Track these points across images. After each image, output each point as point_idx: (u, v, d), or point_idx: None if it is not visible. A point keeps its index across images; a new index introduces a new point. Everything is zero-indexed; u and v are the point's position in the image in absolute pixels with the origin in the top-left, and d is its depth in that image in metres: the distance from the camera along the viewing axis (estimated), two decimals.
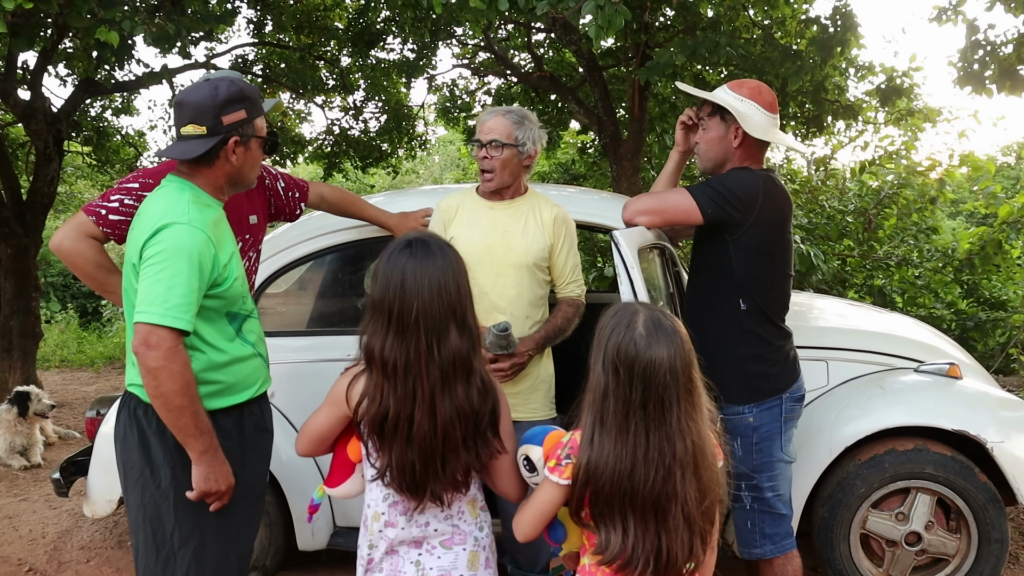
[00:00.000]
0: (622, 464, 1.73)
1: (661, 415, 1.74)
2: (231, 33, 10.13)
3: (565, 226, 2.97)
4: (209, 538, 2.24)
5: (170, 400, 2.06)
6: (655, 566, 1.73)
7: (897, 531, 3.18)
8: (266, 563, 3.60)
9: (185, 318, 2.06)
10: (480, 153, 2.92)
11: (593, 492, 1.76)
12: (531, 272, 2.91)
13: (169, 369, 2.04)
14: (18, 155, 9.74)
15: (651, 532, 1.73)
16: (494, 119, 2.91)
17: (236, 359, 2.29)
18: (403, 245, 1.94)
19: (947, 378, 3.35)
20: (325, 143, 10.75)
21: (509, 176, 2.93)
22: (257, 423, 2.39)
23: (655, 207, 2.71)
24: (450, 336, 1.88)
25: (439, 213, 3.07)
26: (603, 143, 7.40)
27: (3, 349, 6.95)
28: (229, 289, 2.22)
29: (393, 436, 1.88)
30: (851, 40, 5.82)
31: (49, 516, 4.60)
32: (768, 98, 2.68)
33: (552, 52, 9.54)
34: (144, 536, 2.24)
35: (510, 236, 2.92)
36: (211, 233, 2.16)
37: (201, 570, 2.23)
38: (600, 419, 1.77)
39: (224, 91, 2.19)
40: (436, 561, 2.00)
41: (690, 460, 1.75)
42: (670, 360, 1.74)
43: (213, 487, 2.16)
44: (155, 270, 2.07)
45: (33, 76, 6.93)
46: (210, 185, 2.27)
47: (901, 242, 8.78)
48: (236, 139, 2.22)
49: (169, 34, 4.37)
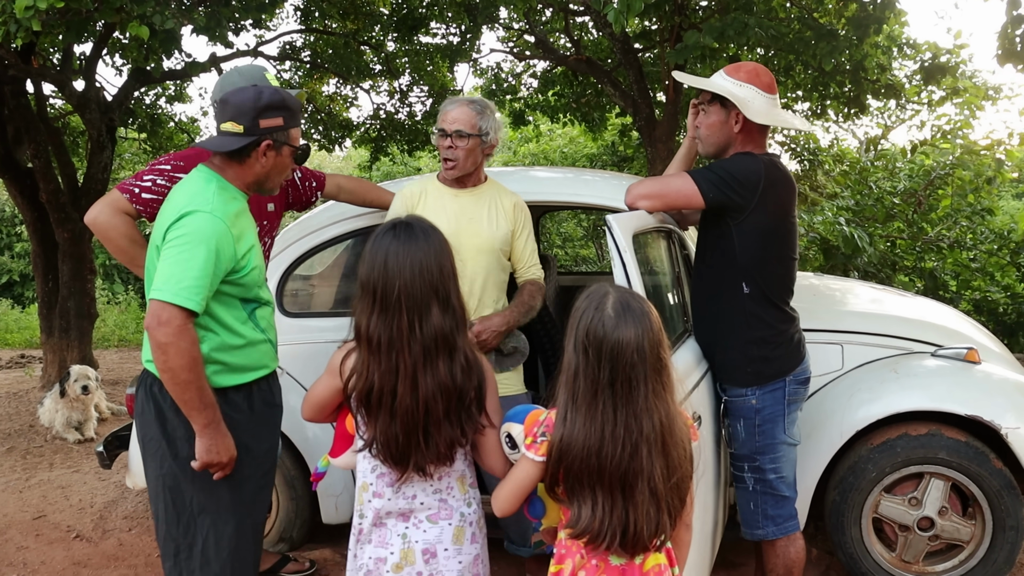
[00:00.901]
0: (590, 441, 1.79)
1: (628, 393, 1.79)
2: (279, 20, 10.32)
3: (524, 212, 3.13)
4: (225, 505, 2.38)
5: (177, 375, 2.19)
6: (622, 539, 1.79)
7: (910, 516, 3.17)
8: (292, 535, 3.75)
9: (196, 299, 2.18)
10: (444, 143, 3.00)
11: (565, 468, 1.82)
12: (496, 257, 3.04)
13: (177, 346, 2.16)
14: (79, 143, 10.12)
15: (618, 507, 1.79)
16: (458, 109, 2.99)
17: (248, 343, 2.41)
18: (388, 228, 2.04)
19: (964, 363, 3.30)
20: (372, 127, 10.90)
21: (471, 164, 3.04)
22: (266, 398, 2.52)
23: (656, 191, 2.72)
24: (432, 315, 1.97)
25: (402, 199, 3.14)
26: (638, 125, 7.37)
27: (61, 329, 7.27)
28: (245, 278, 2.34)
29: (378, 409, 1.97)
30: (890, 18, 5.68)
31: (97, 487, 4.84)
32: (766, 80, 2.68)
33: (592, 35, 9.51)
34: (164, 504, 2.39)
35: (476, 223, 3.03)
36: (231, 224, 2.28)
37: (219, 535, 2.37)
38: (572, 398, 1.83)
39: (267, 97, 2.32)
40: (422, 535, 2.07)
41: (657, 437, 1.79)
42: (637, 340, 1.78)
43: (215, 458, 2.29)
44: (174, 252, 2.21)
45: (87, 66, 7.19)
46: (238, 180, 2.40)
47: (954, 223, 8.55)
48: (269, 143, 2.34)
49: (205, 25, 4.50)
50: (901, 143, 10.28)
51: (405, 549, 2.07)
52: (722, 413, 2.83)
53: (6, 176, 7.25)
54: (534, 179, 3.95)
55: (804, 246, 8.12)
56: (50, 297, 7.44)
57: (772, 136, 11.09)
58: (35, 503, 4.60)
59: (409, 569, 2.06)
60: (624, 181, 3.88)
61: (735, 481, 2.82)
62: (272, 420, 2.58)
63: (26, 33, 3.63)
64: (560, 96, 10.17)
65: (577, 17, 8.73)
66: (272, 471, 2.59)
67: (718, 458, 2.88)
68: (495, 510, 2.00)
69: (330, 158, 22.43)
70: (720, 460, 2.90)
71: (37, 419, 6.30)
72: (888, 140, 12.04)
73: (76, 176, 7.50)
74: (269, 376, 2.56)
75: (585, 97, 9.27)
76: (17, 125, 7.03)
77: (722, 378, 2.80)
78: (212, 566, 2.38)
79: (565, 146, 16.17)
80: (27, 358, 10.14)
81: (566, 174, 4.41)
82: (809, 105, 8.20)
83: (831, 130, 12.69)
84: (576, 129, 12.86)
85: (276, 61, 10.14)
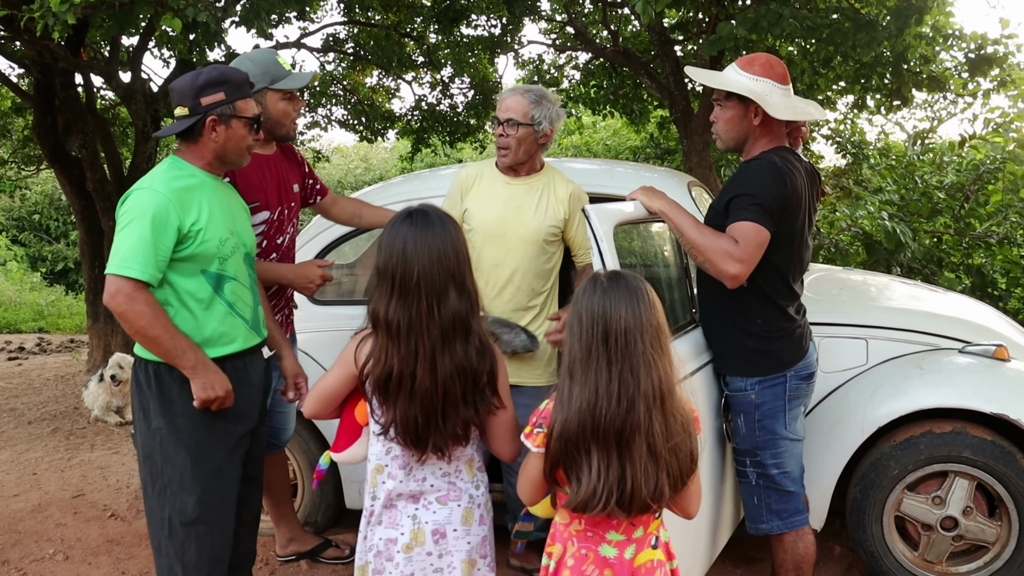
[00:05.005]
0: (585, 401, 1.78)
1: (625, 347, 1.78)
2: (323, 13, 10.43)
3: (580, 200, 3.10)
4: (187, 477, 2.46)
5: (146, 333, 2.32)
6: (619, 496, 1.77)
7: (933, 515, 3.11)
8: (317, 519, 3.82)
9: (137, 268, 2.29)
10: (497, 130, 3.03)
11: (564, 442, 1.81)
12: (539, 247, 3.05)
13: (133, 310, 2.29)
14: (127, 134, 10.36)
15: (615, 465, 1.77)
16: (512, 98, 3.01)
17: (211, 315, 2.49)
18: (404, 216, 2.08)
19: (992, 360, 3.23)
20: (414, 119, 10.97)
21: (524, 154, 3.05)
22: (241, 377, 2.57)
23: (744, 256, 2.49)
24: (449, 298, 2.01)
25: (459, 181, 3.18)
26: (674, 117, 7.31)
27: (106, 315, 7.46)
28: (197, 248, 2.42)
29: (397, 393, 2.01)
30: (933, 8, 5.53)
31: (134, 468, 4.97)
32: (780, 71, 2.63)
33: (634, 27, 9.44)
34: (145, 473, 2.52)
35: (523, 212, 3.05)
36: (175, 197, 2.38)
37: (183, 505, 2.46)
38: (569, 373, 1.83)
39: (204, 76, 2.44)
40: (432, 516, 2.12)
41: (656, 394, 1.78)
42: (629, 304, 1.80)
43: (212, 394, 2.41)
44: (118, 229, 2.35)
45: (133, 58, 7.36)
46: (198, 159, 2.52)
47: (1004, 219, 8.31)
48: (214, 118, 2.45)
49: (244, 17, 4.58)
50: (952, 137, 10.01)
51: (415, 530, 2.11)
52: (723, 407, 2.81)
53: (56, 166, 7.46)
54: (567, 170, 3.95)
55: (847, 241, 7.98)
56: (96, 284, 7.64)
57: (818, 129, 10.90)
58: (75, 482, 4.75)
59: (419, 549, 2.10)
60: (657, 174, 3.87)
61: (738, 476, 2.80)
62: (245, 400, 2.60)
63: (63, 26, 3.74)
64: (600, 88, 10.13)
65: (617, 9, 8.68)
66: (239, 451, 2.60)
67: (722, 453, 2.87)
68: (523, 501, 2.04)
69: (375, 149, 22.63)
70: (724, 455, 2.88)
71: (81, 402, 6.49)
72: (937, 134, 11.75)
73: (122, 166, 7.69)
74: (245, 353, 2.60)
75: (623, 89, 9.21)
76: (67, 116, 7.22)
77: (721, 367, 2.78)
78: (177, 535, 2.47)
79: (608, 138, 16.11)
80: (76, 343, 10.45)
81: (601, 166, 4.40)
82: (853, 98, 8.05)
83: (877, 123, 12.45)
84: (619, 121, 12.77)
85: (320, 53, 10.26)
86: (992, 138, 8.49)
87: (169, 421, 2.44)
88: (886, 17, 5.64)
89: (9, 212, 18.29)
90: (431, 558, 2.11)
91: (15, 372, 8.28)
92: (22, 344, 10.31)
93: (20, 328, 12.43)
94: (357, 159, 22.93)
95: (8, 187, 17.72)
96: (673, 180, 3.68)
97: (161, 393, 2.44)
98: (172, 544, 2.48)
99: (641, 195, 2.70)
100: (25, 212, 18.32)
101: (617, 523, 1.88)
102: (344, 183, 20.46)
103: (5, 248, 17.10)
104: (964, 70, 6.86)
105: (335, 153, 21.79)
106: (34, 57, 6.46)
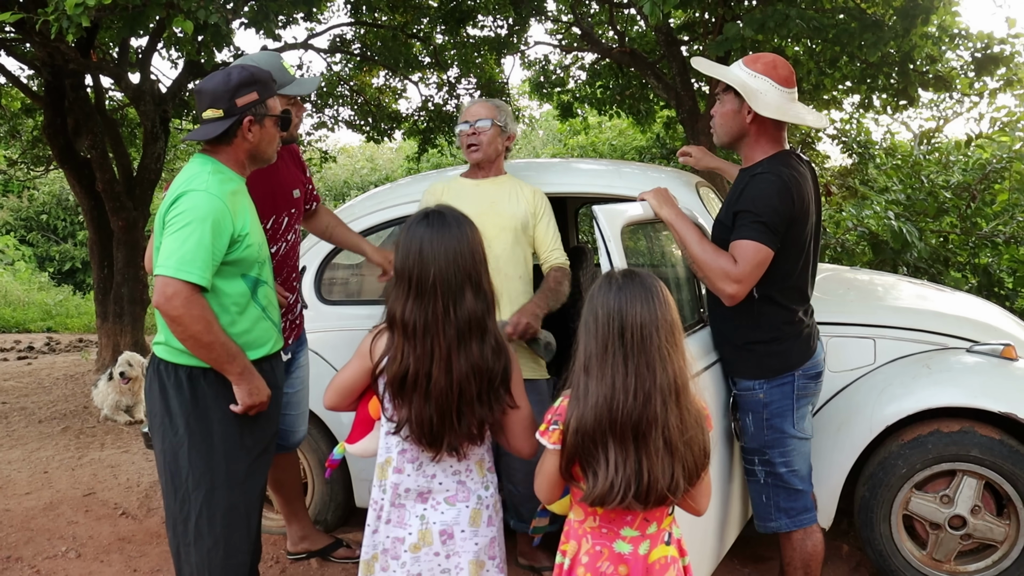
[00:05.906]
0: (602, 396, 1.80)
1: (641, 342, 1.81)
2: (330, 14, 10.47)
3: (543, 199, 3.34)
4: (219, 483, 2.46)
5: (199, 339, 2.31)
6: (636, 489, 1.79)
7: (941, 514, 3.12)
8: (327, 518, 3.84)
9: (197, 272, 2.28)
10: (468, 131, 3.25)
11: (580, 436, 1.83)
12: (517, 235, 3.23)
13: (191, 315, 2.27)
14: (136, 134, 10.40)
15: (631, 458, 1.80)
16: (477, 105, 3.31)
17: (248, 319, 2.50)
18: (421, 217, 2.10)
19: (1000, 359, 3.24)
20: (420, 119, 11.00)
21: (493, 151, 3.30)
22: (269, 380, 2.58)
23: (741, 276, 2.52)
24: (466, 299, 2.03)
25: (429, 195, 3.38)
26: (681, 118, 7.32)
27: (115, 315, 7.51)
28: (243, 253, 2.43)
29: (412, 392, 2.03)
30: (938, 7, 5.53)
31: (145, 467, 5.01)
32: (784, 73, 2.63)
33: (640, 27, 9.45)
34: (166, 478, 2.50)
35: (498, 205, 3.25)
36: (228, 201, 2.37)
37: (212, 512, 2.46)
38: (585, 369, 1.85)
39: (236, 76, 2.42)
40: (440, 516, 2.13)
41: (672, 387, 1.81)
42: (644, 302, 1.82)
43: (255, 400, 2.44)
44: (173, 230, 2.31)
45: (143, 60, 7.40)
46: (232, 161, 2.50)
47: (1011, 218, 8.30)
48: (250, 118, 2.45)
49: (252, 19, 4.60)
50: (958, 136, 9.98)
51: (423, 530, 2.12)
52: (731, 407, 2.83)
53: (66, 166, 7.51)
54: (575, 170, 3.96)
55: (853, 240, 7.98)
56: (105, 283, 7.70)
57: (824, 129, 10.88)
58: (86, 481, 4.79)
59: (427, 549, 2.11)
60: (664, 174, 3.88)
61: (746, 475, 2.82)
62: (273, 402, 2.63)
63: (77, 28, 3.77)
64: (606, 88, 10.14)
65: (623, 9, 8.69)
66: (269, 454, 2.65)
67: (730, 452, 2.89)
68: (540, 499, 2.05)
69: (382, 149, 22.67)
70: (732, 454, 2.90)
71: (91, 401, 6.54)
72: (944, 133, 11.74)
73: (131, 166, 7.74)
74: (272, 357, 2.63)
75: (630, 90, 9.22)
76: (77, 117, 7.27)
77: (730, 370, 2.80)
78: (205, 540, 2.47)
79: (614, 138, 16.09)
80: (84, 342, 10.51)
81: (607, 166, 4.42)
82: (859, 98, 8.05)
83: (883, 123, 12.43)
84: (625, 121, 12.77)
85: (327, 54, 10.30)
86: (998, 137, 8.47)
87: (205, 426, 2.44)
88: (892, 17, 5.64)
89: (17, 212, 18.39)
90: (438, 558, 2.12)
91: (25, 371, 8.33)
92: (31, 343, 10.38)
93: (29, 328, 12.51)
94: (363, 159, 22.98)
95: (16, 187, 17.81)
96: (680, 180, 3.69)
97: (195, 398, 2.43)
98: (198, 550, 2.47)
99: (651, 198, 2.72)
100: (33, 212, 18.41)
101: (631, 519, 1.90)
102: (350, 183, 20.51)
103: (13, 248, 17.19)
104: (970, 70, 6.86)
105: (341, 153, 21.84)
106: (45, 59, 6.51)
